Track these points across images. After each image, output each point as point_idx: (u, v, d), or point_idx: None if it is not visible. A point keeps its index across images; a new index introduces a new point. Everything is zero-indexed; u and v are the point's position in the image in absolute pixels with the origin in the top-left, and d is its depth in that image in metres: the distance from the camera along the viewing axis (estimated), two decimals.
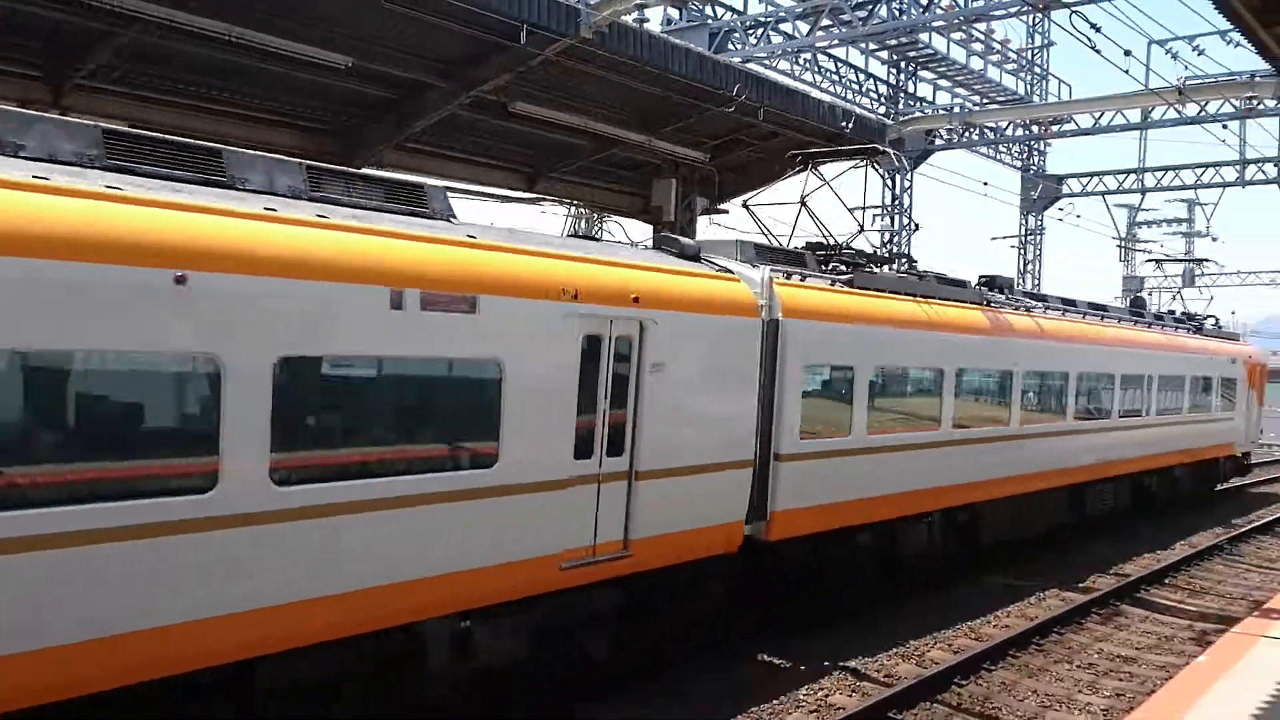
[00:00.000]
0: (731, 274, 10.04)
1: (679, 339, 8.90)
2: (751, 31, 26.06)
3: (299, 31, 11.90)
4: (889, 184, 30.14)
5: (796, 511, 10.45)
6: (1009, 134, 31.39)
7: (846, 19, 25.24)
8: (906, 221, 29.25)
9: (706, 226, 20.21)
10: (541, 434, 7.77)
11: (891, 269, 13.57)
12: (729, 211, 20.82)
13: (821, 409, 10.97)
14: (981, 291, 14.90)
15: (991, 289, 15.59)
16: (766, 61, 25.53)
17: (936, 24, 25.60)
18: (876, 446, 11.70)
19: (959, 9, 24.94)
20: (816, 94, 20.87)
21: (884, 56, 28.05)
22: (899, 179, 29.99)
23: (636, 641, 9.20)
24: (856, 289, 11.77)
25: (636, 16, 13.79)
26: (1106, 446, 17.65)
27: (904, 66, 28.63)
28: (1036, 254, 35.70)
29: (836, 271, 12.15)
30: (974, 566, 14.40)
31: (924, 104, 29.30)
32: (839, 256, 12.67)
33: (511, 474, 7.50)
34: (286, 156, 7.24)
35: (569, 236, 11.82)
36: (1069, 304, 18.20)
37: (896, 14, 24.91)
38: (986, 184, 43.55)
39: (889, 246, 29.48)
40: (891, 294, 12.32)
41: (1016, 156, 34.37)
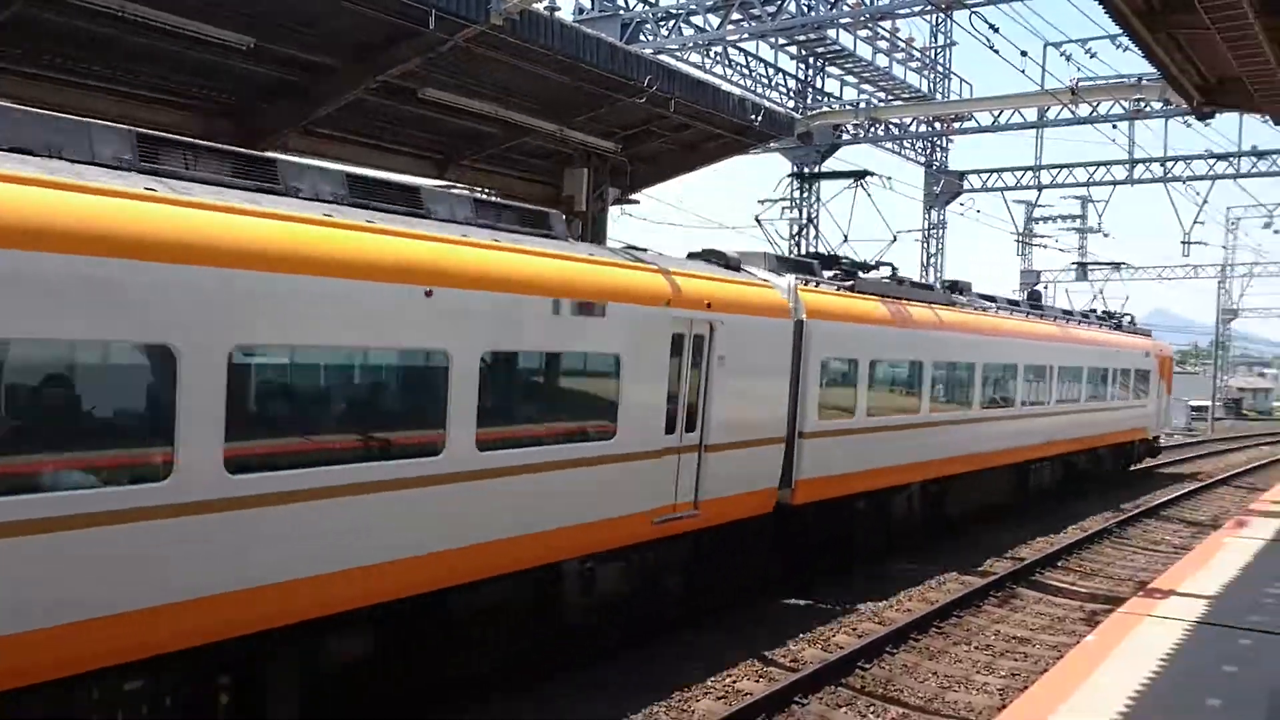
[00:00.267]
0: (767, 282, 12.01)
1: (736, 336, 10.80)
2: (663, 23, 26.13)
3: (198, 9, 11.47)
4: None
5: (815, 480, 12.46)
6: (913, 130, 32.18)
7: (756, 13, 25.49)
8: (893, 237, 31.77)
9: (618, 216, 20.23)
10: (645, 413, 9.61)
11: (876, 275, 15.62)
12: (640, 202, 20.86)
13: (833, 395, 12.99)
14: (948, 294, 17.30)
15: (954, 292, 18.11)
16: (678, 54, 25.64)
17: (844, 21, 26.04)
18: (874, 426, 13.84)
19: (865, 7, 25.42)
20: (727, 87, 21.00)
21: (793, 52, 28.41)
22: (807, 172, 30.46)
23: (701, 585, 11.20)
24: (856, 293, 13.86)
25: (548, 5, 13.67)
26: (1046, 430, 20.14)
27: (812, 62, 29.03)
28: (940, 247, 36.68)
29: (837, 278, 14.01)
30: (883, 552, 14.76)
31: (832, 99, 29.77)
32: (838, 264, 14.69)
33: (625, 445, 9.31)
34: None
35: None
36: (1014, 304, 20.82)
37: (805, 10, 25.27)
38: (891, 178, 44.56)
39: (795, 239, 29.94)
40: (881, 297, 14.43)
41: (920, 152, 35.23)
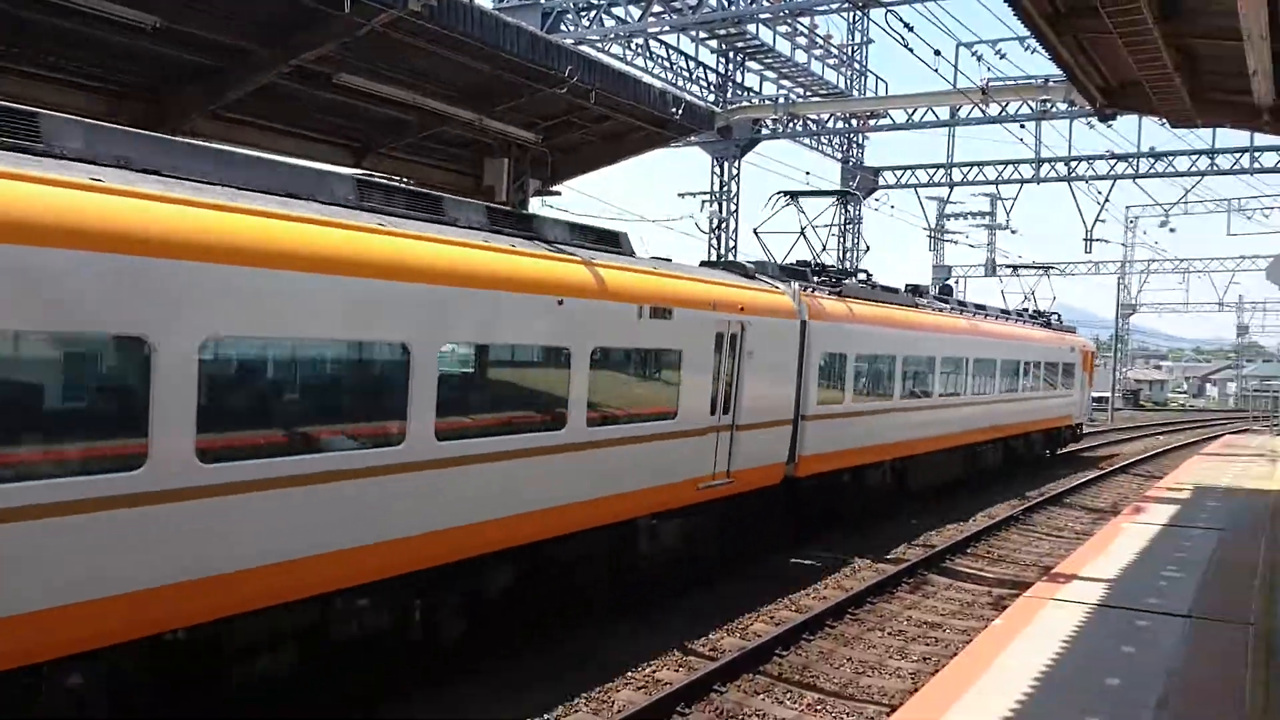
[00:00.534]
0: (777, 288, 13.85)
1: (760, 335, 12.76)
2: (584, 14, 26.03)
3: None
4: (718, 171, 30.82)
5: (814, 456, 14.54)
6: (830, 126, 32.66)
7: (677, 6, 25.59)
8: (866, 247, 36.76)
9: (539, 207, 20.11)
10: (696, 398, 11.54)
11: (854, 280, 17.77)
12: (561, 193, 20.79)
13: (827, 384, 14.96)
14: (911, 297, 19.51)
15: (916, 294, 20.26)
16: (599, 44, 25.58)
17: (763, 16, 26.28)
18: (858, 411, 16.03)
19: (784, 2, 25.71)
20: (648, 79, 21.05)
21: (713, 45, 28.57)
22: (727, 166, 30.71)
23: (729, 543, 13.24)
24: (843, 297, 15.92)
25: None
26: (991, 416, 22.59)
27: (732, 56, 29.25)
28: (855, 242, 37.34)
29: (825, 283, 15.95)
30: (797, 541, 15.01)
31: (751, 94, 30.04)
32: (826, 272, 16.70)
33: (683, 424, 11.32)
34: (466, 200, 10.83)
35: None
36: (962, 305, 23.10)
37: (725, 4, 25.44)
38: (809, 174, 45.07)
39: (715, 233, 30.16)
40: (861, 300, 16.57)
41: (837, 148, 35.78)
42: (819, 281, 15.82)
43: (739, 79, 29.81)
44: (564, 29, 25.85)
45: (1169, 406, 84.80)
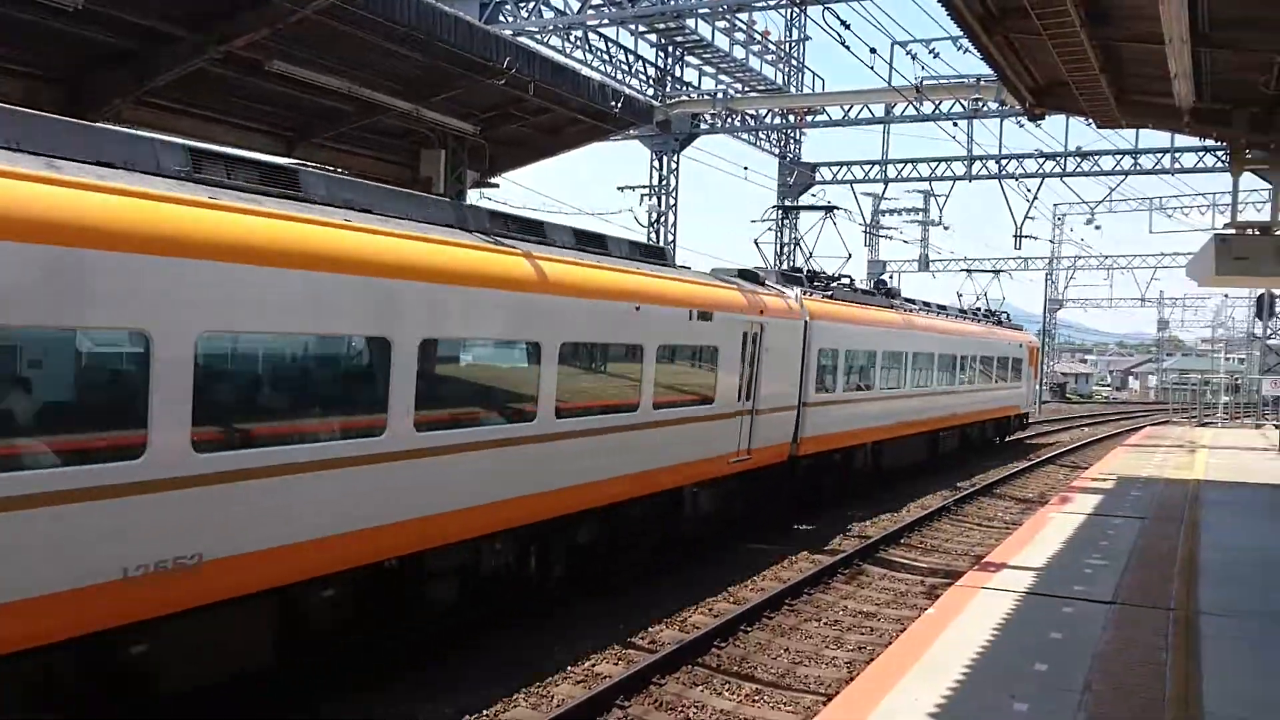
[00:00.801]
0: (784, 293, 16.10)
1: (774, 333, 14.92)
2: (523, 5, 25.85)
3: None
4: (657, 165, 30.85)
5: (813, 438, 16.81)
6: (768, 121, 32.90)
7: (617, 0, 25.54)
8: (848, 254, 40.46)
9: (477, 199, 19.90)
10: (729, 386, 13.61)
11: (841, 285, 19.97)
12: (499, 185, 20.61)
13: (823, 376, 17.20)
14: (887, 299, 21.96)
15: (890, 296, 22.70)
16: (538, 36, 25.43)
17: (702, 10, 26.37)
18: (847, 399, 18.36)
19: None
20: (587, 72, 20.98)
21: (653, 39, 28.58)
22: (666, 160, 30.76)
23: (747, 510, 15.41)
24: (834, 300, 18.25)
25: None
26: (951, 406, 25.10)
27: (672, 51, 29.29)
28: (793, 237, 37.68)
29: (818, 288, 18.34)
30: (734, 534, 15.12)
31: (690, 88, 30.12)
32: (817, 277, 19.12)
33: (719, 408, 13.36)
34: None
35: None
36: (926, 305, 25.43)
37: None
38: (747, 169, 45.44)
39: (654, 226, 30.21)
40: (847, 302, 18.94)
41: (775, 144, 36.03)
42: (813, 286, 18.17)
43: (678, 73, 29.87)
44: (503, 19, 25.66)
45: (1094, 399, 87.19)
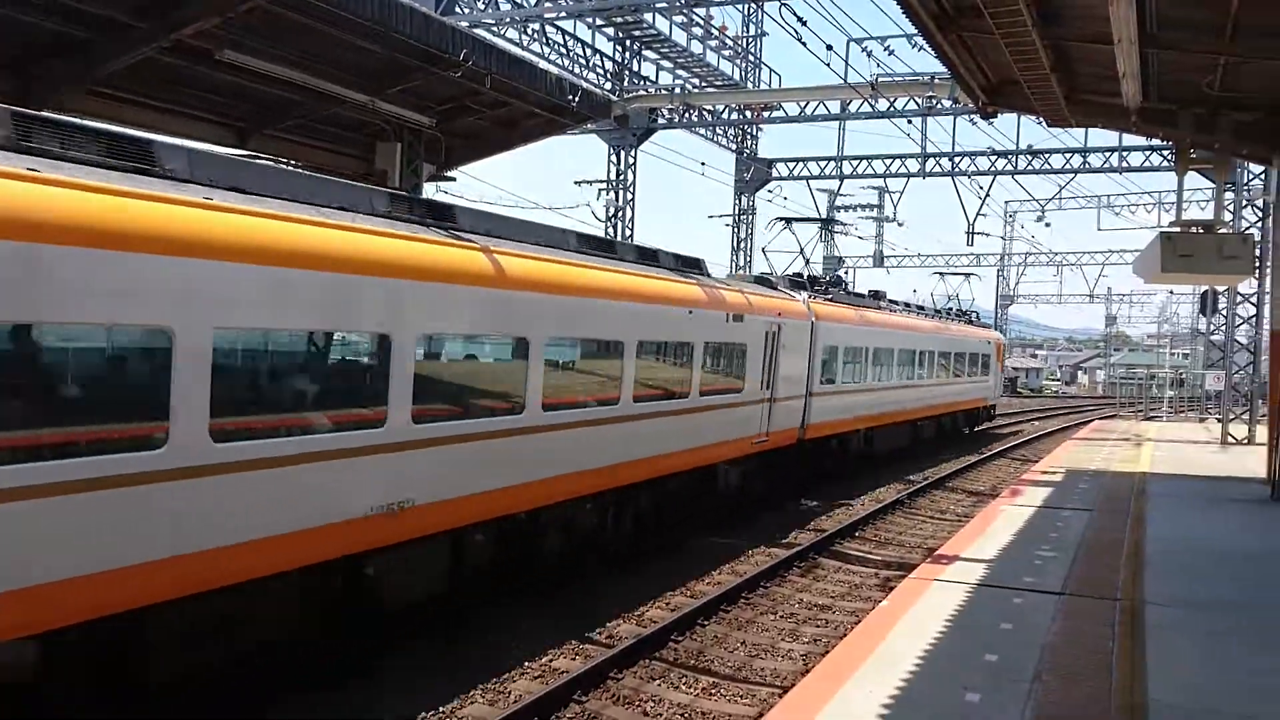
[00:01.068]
0: (794, 296, 18.57)
1: (788, 332, 17.29)
2: None
3: None
4: (615, 160, 30.81)
5: (817, 424, 19.20)
6: (725, 117, 33.00)
7: None
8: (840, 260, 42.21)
9: (434, 193, 19.76)
10: (754, 377, 15.89)
11: (838, 289, 22.77)
12: (456, 179, 20.47)
13: (826, 370, 19.53)
14: (876, 301, 24.70)
15: (876, 298, 25.29)
16: (495, 29, 25.25)
17: (660, 5, 26.36)
18: (845, 390, 20.97)
19: None
20: (545, 65, 20.86)
21: (610, 33, 28.52)
22: (624, 155, 30.73)
23: (765, 485, 17.79)
24: (834, 302, 20.84)
25: None
26: (929, 398, 27.77)
27: (629, 45, 29.24)
28: (749, 233, 37.88)
29: (819, 291, 20.90)
30: (693, 528, 15.18)
31: (648, 83, 30.10)
32: (818, 282, 21.72)
33: (747, 396, 15.62)
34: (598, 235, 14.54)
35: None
36: (906, 306, 28.24)
37: None
38: (704, 164, 45.48)
39: (612, 221, 30.18)
40: (845, 304, 21.60)
41: (732, 139, 36.16)
42: (816, 290, 20.69)
43: (636, 68, 29.84)
44: (459, 11, 25.45)
45: (1044, 393, 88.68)
